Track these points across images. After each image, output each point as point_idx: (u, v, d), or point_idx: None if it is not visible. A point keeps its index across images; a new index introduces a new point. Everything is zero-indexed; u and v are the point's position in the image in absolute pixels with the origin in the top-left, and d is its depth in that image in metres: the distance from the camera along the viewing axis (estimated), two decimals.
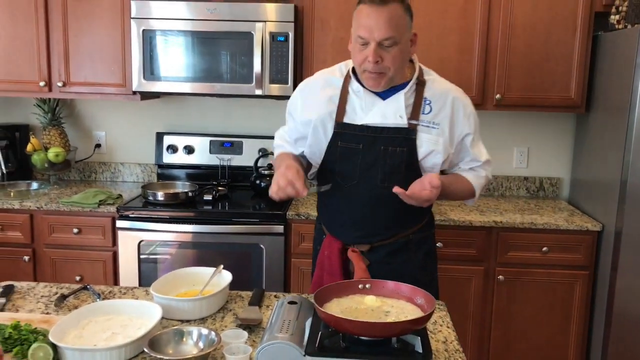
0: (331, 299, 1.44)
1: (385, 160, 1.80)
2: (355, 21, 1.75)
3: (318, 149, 1.88)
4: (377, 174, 1.81)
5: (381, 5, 1.67)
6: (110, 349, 1.35)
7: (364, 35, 1.70)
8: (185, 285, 1.77)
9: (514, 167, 3.43)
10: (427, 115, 1.81)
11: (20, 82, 3.15)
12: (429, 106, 1.82)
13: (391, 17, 1.67)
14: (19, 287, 1.83)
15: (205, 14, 2.94)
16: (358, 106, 1.83)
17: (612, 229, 2.73)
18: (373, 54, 1.69)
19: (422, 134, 1.80)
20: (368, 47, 1.70)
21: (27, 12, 3.08)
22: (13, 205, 2.93)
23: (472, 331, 2.92)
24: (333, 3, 2.96)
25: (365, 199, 1.83)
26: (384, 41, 1.68)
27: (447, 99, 1.84)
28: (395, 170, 1.80)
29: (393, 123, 1.79)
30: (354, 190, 1.84)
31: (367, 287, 1.49)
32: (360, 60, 1.74)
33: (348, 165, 1.83)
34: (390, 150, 1.79)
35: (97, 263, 2.95)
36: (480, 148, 1.97)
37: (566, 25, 2.94)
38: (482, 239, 2.85)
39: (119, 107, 3.50)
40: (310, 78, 2.00)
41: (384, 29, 1.67)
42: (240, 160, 3.36)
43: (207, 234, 2.87)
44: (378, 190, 1.81)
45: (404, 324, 1.29)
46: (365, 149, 1.80)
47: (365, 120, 1.81)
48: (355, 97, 1.84)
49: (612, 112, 2.82)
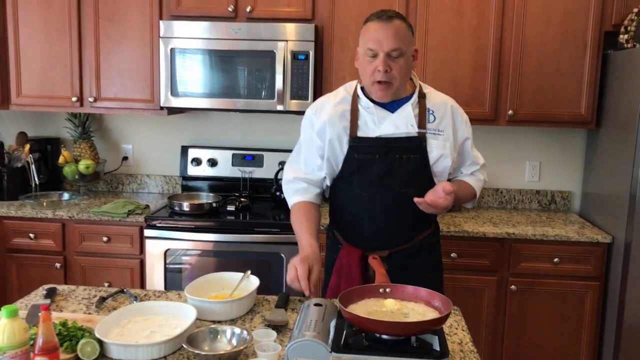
0: (354, 301, 1.55)
1: (400, 168, 1.94)
2: (364, 37, 1.92)
3: (335, 162, 2.01)
4: (393, 181, 1.95)
5: (388, 21, 1.87)
6: (151, 345, 1.48)
7: (374, 47, 1.86)
8: (215, 289, 1.89)
9: (526, 180, 3.52)
10: (432, 123, 1.98)
11: (54, 98, 3.31)
12: (433, 115, 1.99)
13: (397, 30, 1.86)
14: (61, 290, 1.96)
15: (230, 34, 3.08)
16: (370, 120, 1.97)
17: (622, 241, 2.81)
18: (383, 63, 1.85)
19: (431, 140, 1.97)
20: (377, 58, 1.87)
21: (62, 31, 3.25)
22: (46, 215, 3.08)
23: (485, 340, 3.01)
24: (352, 23, 3.09)
25: (384, 206, 1.96)
26: (392, 52, 1.85)
27: (447, 108, 2.03)
28: (410, 177, 1.95)
29: (405, 133, 1.94)
30: (373, 198, 1.97)
31: (387, 291, 1.60)
32: (370, 72, 1.90)
33: (366, 175, 1.96)
34: (404, 158, 1.94)
35: (125, 270, 3.08)
36: (476, 152, 2.16)
37: (577, 44, 3.05)
38: (495, 250, 2.95)
39: (146, 122, 3.65)
40: (317, 102, 2.10)
41: (392, 41, 1.85)
42: (261, 173, 3.49)
43: (230, 243, 3.00)
44: (395, 197, 1.95)
45: (423, 323, 1.40)
46: (381, 159, 1.94)
47: (378, 133, 1.95)
48: (366, 113, 1.98)
49: (621, 127, 2.91)
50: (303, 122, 2.10)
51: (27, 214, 3.09)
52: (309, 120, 2.07)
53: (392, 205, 1.97)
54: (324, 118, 2.00)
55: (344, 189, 2.02)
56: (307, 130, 2.07)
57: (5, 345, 1.23)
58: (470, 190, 2.12)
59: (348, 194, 2.01)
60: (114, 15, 3.21)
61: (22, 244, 3.12)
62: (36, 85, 3.32)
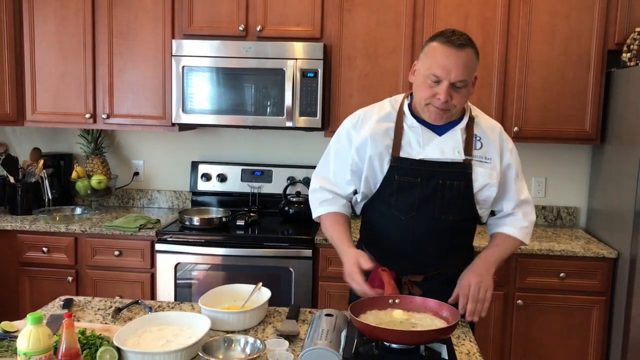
0: (364, 311, 1.60)
1: (443, 194, 1.86)
2: (429, 58, 1.80)
3: (374, 182, 1.93)
4: (434, 207, 1.87)
5: (460, 49, 1.75)
6: (168, 353, 1.52)
7: (440, 74, 1.76)
8: (228, 301, 1.92)
9: (532, 196, 3.52)
10: (478, 150, 1.90)
11: (68, 114, 3.39)
12: (480, 142, 1.91)
13: (468, 60, 1.77)
14: (77, 301, 2.01)
15: (241, 52, 3.16)
16: (414, 141, 1.88)
17: (628, 256, 2.84)
18: (445, 93, 1.76)
19: (477, 168, 1.88)
20: (440, 85, 1.77)
21: (76, 50, 3.33)
22: (59, 229, 3.14)
23: (492, 354, 3.03)
24: (360, 42, 3.17)
25: (423, 230, 1.89)
26: (457, 82, 1.76)
27: (495, 134, 1.94)
28: (452, 203, 1.88)
29: (450, 158, 1.86)
30: (411, 222, 1.89)
31: (396, 302, 1.64)
32: (428, 95, 1.80)
33: (406, 198, 1.88)
34: (448, 184, 1.86)
35: (136, 284, 3.13)
36: (522, 184, 2.01)
37: (581, 63, 3.11)
38: (501, 265, 2.97)
39: (156, 138, 3.72)
40: (357, 114, 2.00)
41: (461, 72, 1.75)
42: (270, 188, 3.54)
43: (239, 257, 3.04)
44: (435, 222, 1.88)
45: (431, 332, 1.44)
46: (424, 182, 1.86)
47: (422, 155, 1.86)
48: (411, 132, 1.89)
49: (625, 144, 2.96)
50: (339, 132, 2.01)
51: (40, 228, 3.15)
52: (346, 132, 1.98)
53: (430, 231, 1.89)
54: (366, 133, 1.91)
55: (380, 209, 1.95)
56: (342, 142, 1.98)
57: (31, 351, 1.27)
58: (512, 243, 1.99)
59: (384, 215, 1.93)
60: (127, 34, 3.29)
61: (35, 258, 3.18)
62: (51, 102, 3.39)
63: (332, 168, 2.02)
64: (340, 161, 1.99)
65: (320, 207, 2.02)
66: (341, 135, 2.00)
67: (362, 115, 1.98)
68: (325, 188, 2.01)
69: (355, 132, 1.95)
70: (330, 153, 2.04)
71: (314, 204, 2.05)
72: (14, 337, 1.63)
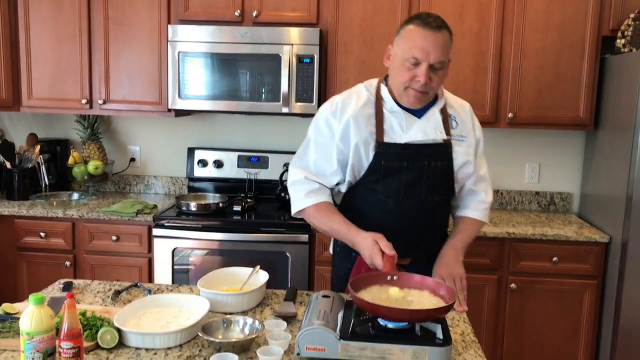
0: (361, 288, 1.62)
1: (428, 175, 1.90)
2: (407, 41, 1.81)
3: (359, 169, 1.93)
4: (420, 188, 1.91)
5: (437, 30, 1.79)
6: (168, 333, 1.55)
7: (419, 57, 1.78)
8: (226, 284, 1.95)
9: (526, 182, 3.60)
10: (455, 129, 1.95)
11: (64, 100, 3.39)
12: (455, 121, 1.97)
13: (444, 42, 1.80)
14: (77, 284, 2.03)
15: (237, 38, 3.16)
16: (396, 125, 1.90)
17: (619, 240, 2.88)
18: (425, 75, 1.79)
19: (456, 147, 1.94)
20: (419, 67, 1.79)
21: (72, 35, 3.33)
22: (57, 214, 3.15)
23: (485, 337, 3.08)
24: (356, 28, 3.17)
25: (410, 213, 1.92)
26: (436, 64, 1.79)
27: (466, 112, 2.02)
28: (437, 184, 1.92)
29: (433, 139, 1.90)
30: (399, 206, 1.91)
31: (395, 278, 1.66)
32: (407, 78, 1.82)
33: (392, 182, 1.90)
34: (432, 165, 1.90)
35: (133, 269, 3.15)
36: (483, 162, 2.07)
37: (575, 49, 3.13)
38: (495, 249, 3.02)
39: (153, 124, 3.73)
40: (334, 102, 1.96)
41: (439, 53, 1.78)
42: (266, 174, 3.56)
43: (236, 242, 3.07)
44: (422, 204, 1.92)
45: (428, 311, 1.48)
46: (410, 165, 1.89)
47: (406, 139, 1.88)
48: (392, 117, 1.90)
49: (618, 130, 2.99)
50: (318, 122, 1.97)
51: (38, 214, 3.17)
52: (326, 122, 1.94)
53: (418, 213, 1.93)
54: (349, 121, 1.89)
55: (365, 196, 1.94)
56: (323, 132, 1.94)
57: (33, 331, 1.30)
58: (476, 226, 2.07)
59: (370, 201, 1.93)
60: (123, 19, 3.29)
61: (33, 243, 3.20)
62: (47, 88, 3.39)
63: (312, 159, 1.96)
64: (322, 152, 1.94)
65: (306, 198, 1.93)
66: (320, 125, 1.96)
67: (340, 102, 1.95)
68: (309, 179, 1.95)
69: (337, 121, 1.92)
70: (310, 144, 1.98)
71: (297, 195, 1.95)
72: (15, 319, 1.66)
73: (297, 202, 1.96)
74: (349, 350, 1.43)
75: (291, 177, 1.99)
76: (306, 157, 1.98)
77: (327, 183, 1.96)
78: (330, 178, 1.95)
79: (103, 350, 1.51)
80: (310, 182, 1.95)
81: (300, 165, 1.99)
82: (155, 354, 1.50)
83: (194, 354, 1.51)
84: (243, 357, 1.48)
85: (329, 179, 1.95)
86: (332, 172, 1.94)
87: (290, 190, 1.99)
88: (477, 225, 2.07)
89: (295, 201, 1.97)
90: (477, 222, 2.07)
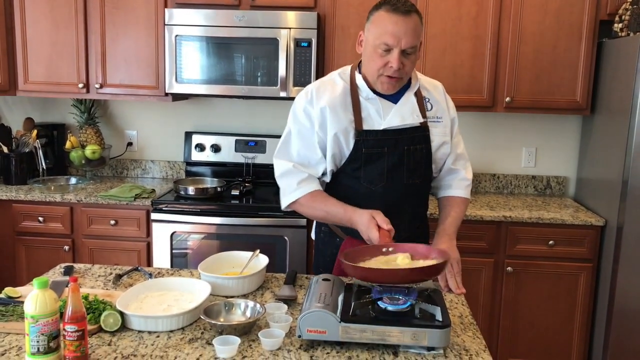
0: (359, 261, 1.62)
1: (409, 159, 1.92)
2: (378, 27, 1.80)
3: (340, 157, 1.93)
4: (402, 172, 1.93)
5: (407, 15, 1.77)
6: (170, 316, 1.56)
7: (391, 43, 1.77)
8: (226, 268, 1.97)
9: (523, 166, 3.62)
10: (430, 111, 1.97)
11: (61, 84, 3.38)
12: (429, 103, 1.98)
13: (415, 26, 1.79)
14: (78, 268, 2.04)
15: (234, 22, 3.15)
16: (374, 112, 1.90)
17: (615, 224, 2.91)
18: (398, 60, 1.78)
19: (433, 129, 1.96)
20: (391, 53, 1.78)
21: (68, 19, 3.31)
22: (55, 199, 3.15)
23: (482, 319, 3.11)
24: (353, 12, 3.16)
25: (392, 198, 1.93)
26: (408, 49, 1.78)
27: (439, 92, 2.03)
28: (416, 167, 1.94)
29: (410, 123, 1.91)
30: (381, 191, 1.93)
31: (390, 250, 1.67)
32: (379, 65, 1.82)
33: (374, 168, 1.91)
34: (412, 149, 1.92)
35: (132, 253, 3.17)
36: (459, 139, 2.10)
37: (572, 33, 3.13)
38: (492, 232, 3.05)
39: (150, 108, 3.72)
40: (309, 90, 1.95)
41: (411, 38, 1.77)
42: (264, 159, 3.56)
43: (234, 226, 3.08)
44: (404, 188, 1.94)
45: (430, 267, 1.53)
46: (390, 151, 1.90)
47: (385, 125, 1.90)
48: (369, 104, 1.91)
49: (615, 114, 3.00)
50: (295, 112, 1.95)
51: (36, 198, 3.17)
52: (304, 111, 1.93)
53: (401, 197, 1.94)
54: (326, 110, 1.88)
55: (348, 183, 1.95)
56: (302, 121, 1.93)
57: (38, 314, 1.31)
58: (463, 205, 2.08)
59: (353, 188, 1.94)
60: (119, 2, 3.26)
61: (31, 227, 3.20)
62: (43, 72, 3.37)
63: (296, 150, 1.94)
64: (304, 141, 1.93)
65: (298, 188, 1.91)
66: (299, 115, 1.94)
67: (315, 91, 1.94)
68: (298, 168, 1.92)
69: (314, 110, 1.91)
70: (292, 135, 1.95)
71: (289, 186, 1.93)
72: (18, 302, 1.67)
73: (289, 192, 1.93)
74: (349, 332, 1.45)
75: (279, 169, 1.96)
76: (289, 148, 1.95)
77: (314, 173, 1.94)
78: (316, 167, 1.94)
79: (106, 333, 1.53)
80: (299, 171, 1.93)
81: (285, 157, 1.96)
82: (158, 337, 1.52)
83: (196, 336, 1.53)
84: (245, 339, 1.50)
85: (315, 168, 1.94)
86: (317, 161, 1.93)
87: (280, 181, 1.96)
88: (463, 203, 2.08)
89: (287, 192, 1.94)
90: (462, 200, 2.08)
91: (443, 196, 2.11)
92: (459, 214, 2.04)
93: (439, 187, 2.13)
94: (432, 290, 1.64)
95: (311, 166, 1.93)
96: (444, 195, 2.11)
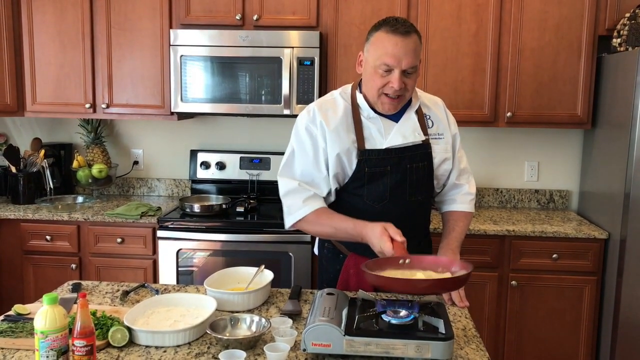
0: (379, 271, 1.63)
1: (412, 177, 1.94)
2: (378, 48, 1.82)
3: (343, 177, 1.95)
4: (405, 190, 1.95)
5: (406, 35, 1.80)
6: (177, 331, 1.59)
7: (391, 64, 1.80)
8: (231, 283, 1.99)
9: (525, 180, 3.64)
10: (431, 128, 2.00)
11: (68, 105, 3.43)
12: (430, 120, 2.01)
13: (415, 46, 1.82)
14: (85, 285, 2.07)
15: (238, 41, 3.20)
16: (375, 131, 1.92)
17: (618, 237, 2.92)
18: (399, 81, 1.81)
19: (434, 145, 1.99)
20: (392, 74, 1.81)
21: (75, 41, 3.37)
22: (62, 217, 3.19)
23: (487, 333, 3.11)
24: (355, 30, 3.21)
25: (396, 215, 1.91)
26: (409, 69, 1.81)
27: (439, 108, 2.06)
28: (419, 185, 1.97)
29: (412, 141, 1.93)
30: (384, 209, 1.94)
31: (407, 262, 1.68)
32: (380, 85, 1.84)
33: (377, 187, 1.93)
34: (414, 166, 1.94)
35: (138, 270, 3.19)
36: (462, 154, 2.12)
37: (572, 49, 3.17)
38: (496, 246, 3.06)
39: (155, 127, 3.77)
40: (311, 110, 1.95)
41: (411, 58, 1.80)
42: (268, 175, 3.59)
43: (240, 243, 3.11)
44: (406, 205, 1.97)
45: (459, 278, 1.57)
46: (393, 169, 1.93)
47: (387, 144, 1.91)
48: (370, 123, 1.93)
49: (615, 128, 3.03)
50: (298, 131, 1.96)
51: (43, 217, 3.20)
52: (306, 130, 1.93)
53: (403, 214, 1.95)
54: (330, 131, 1.90)
55: (350, 201, 1.97)
56: (305, 140, 1.93)
57: (47, 330, 1.33)
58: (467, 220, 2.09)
59: (356, 206, 1.95)
60: (125, 24, 3.33)
61: (39, 246, 3.23)
62: (50, 93, 3.43)
63: (300, 169, 1.94)
64: (308, 159, 1.93)
65: (304, 205, 1.91)
66: (301, 134, 1.95)
67: (317, 109, 1.94)
68: (303, 186, 1.92)
69: (318, 130, 1.92)
70: (295, 154, 1.96)
71: (295, 204, 1.92)
72: (27, 319, 1.70)
73: (295, 210, 1.93)
74: (353, 345, 1.47)
75: (284, 187, 1.96)
76: (293, 166, 1.96)
77: (319, 192, 1.94)
78: (320, 185, 1.94)
79: (114, 348, 1.55)
80: (305, 189, 1.92)
81: (289, 175, 1.96)
82: (165, 352, 1.54)
83: (202, 351, 1.55)
84: (250, 353, 1.52)
85: (320, 186, 1.94)
86: (322, 179, 1.93)
87: (285, 199, 1.95)
88: (467, 217, 2.11)
89: (293, 210, 1.93)
90: (466, 214, 2.11)
91: (447, 211, 2.14)
92: (462, 229, 2.07)
93: (443, 201, 2.15)
94: (435, 303, 1.66)
95: (315, 184, 1.94)
96: (448, 210, 2.14)
